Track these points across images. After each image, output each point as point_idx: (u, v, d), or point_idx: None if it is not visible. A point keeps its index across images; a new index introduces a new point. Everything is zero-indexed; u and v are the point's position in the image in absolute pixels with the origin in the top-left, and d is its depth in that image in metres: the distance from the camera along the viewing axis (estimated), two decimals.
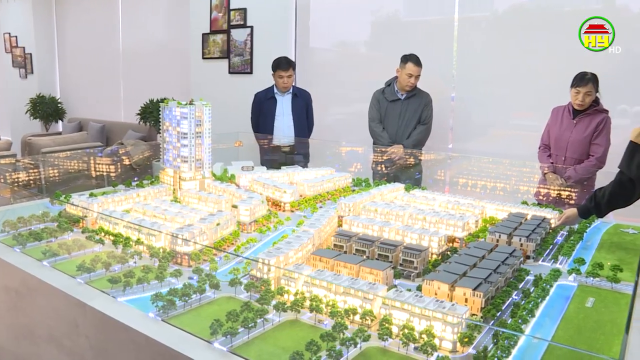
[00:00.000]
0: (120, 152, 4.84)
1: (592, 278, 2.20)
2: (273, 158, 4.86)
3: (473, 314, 1.89)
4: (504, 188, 3.90)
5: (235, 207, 2.99)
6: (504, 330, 1.66)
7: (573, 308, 1.99)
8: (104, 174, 4.35)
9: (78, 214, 2.91)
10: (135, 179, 3.82)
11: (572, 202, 3.75)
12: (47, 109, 10.36)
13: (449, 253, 2.55)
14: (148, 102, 7.33)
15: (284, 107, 5.11)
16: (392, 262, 2.36)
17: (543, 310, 1.95)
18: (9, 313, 2.51)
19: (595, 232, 2.97)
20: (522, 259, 2.42)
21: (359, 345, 1.64)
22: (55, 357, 2.23)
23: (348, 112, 6.33)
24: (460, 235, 2.73)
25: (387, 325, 1.71)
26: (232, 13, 6.86)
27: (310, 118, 5.29)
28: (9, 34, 11.26)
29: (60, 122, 10.71)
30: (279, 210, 3.30)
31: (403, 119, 4.64)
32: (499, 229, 2.66)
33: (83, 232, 2.73)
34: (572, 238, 2.79)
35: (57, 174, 4.36)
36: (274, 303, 1.87)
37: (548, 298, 2.05)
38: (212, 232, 2.61)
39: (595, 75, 3.89)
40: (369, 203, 3.12)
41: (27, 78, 11.01)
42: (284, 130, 5.11)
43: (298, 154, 5.06)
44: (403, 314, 1.76)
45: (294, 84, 5.33)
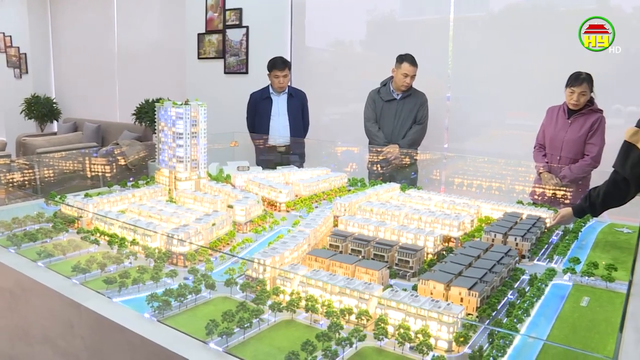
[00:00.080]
0: (116, 152, 4.83)
1: (587, 277, 2.21)
2: (269, 158, 4.86)
3: (468, 314, 1.89)
4: (500, 188, 3.92)
5: (231, 207, 2.99)
6: (500, 330, 1.66)
7: (568, 307, 2.00)
8: (100, 174, 4.33)
9: (73, 215, 2.90)
10: (131, 179, 3.81)
11: (567, 201, 3.76)
12: (42, 109, 10.32)
13: (445, 253, 2.55)
14: (143, 102, 7.31)
15: (280, 107, 5.11)
16: (387, 262, 2.36)
17: (538, 310, 1.96)
18: (4, 314, 2.50)
19: (590, 231, 2.98)
20: (517, 259, 2.43)
21: (355, 345, 1.65)
22: (50, 358, 2.22)
23: (344, 112, 6.33)
24: (456, 235, 2.74)
25: (382, 325, 1.71)
26: (227, 13, 6.86)
27: (306, 118, 5.29)
28: (3, 34, 11.22)
29: (56, 122, 10.67)
30: (275, 210, 3.30)
31: (399, 119, 4.64)
32: (495, 229, 2.67)
33: (78, 232, 2.72)
34: (567, 237, 2.80)
35: (52, 175, 4.34)
36: (270, 303, 1.87)
37: (543, 297, 2.05)
38: (207, 232, 2.61)
39: (590, 75, 3.90)
40: (365, 203, 3.12)
41: (21, 78, 10.97)
42: (280, 130, 5.11)
43: (294, 154, 5.06)
44: (399, 314, 1.76)
45: (290, 84, 5.33)
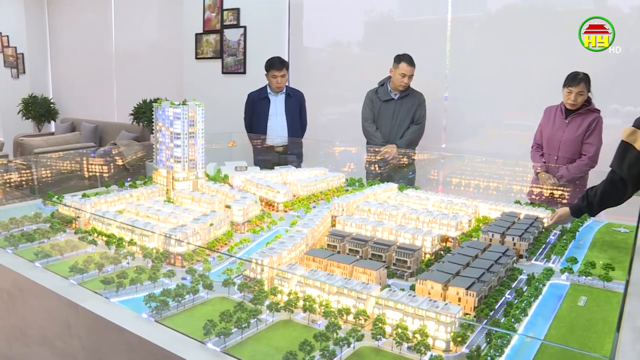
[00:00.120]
0: (113, 152, 4.82)
1: (584, 277, 2.22)
2: (266, 158, 4.85)
3: (466, 314, 1.89)
4: (497, 187, 3.92)
5: (229, 207, 2.98)
6: (497, 330, 1.66)
7: (565, 307, 2.00)
8: (97, 175, 4.33)
9: (71, 215, 2.90)
10: (129, 180, 3.81)
11: (564, 201, 3.77)
12: (39, 109, 10.30)
13: (442, 252, 2.55)
14: (141, 102, 7.30)
15: (277, 107, 5.11)
16: (385, 261, 2.37)
17: (536, 309, 1.96)
18: (1, 315, 2.49)
19: (588, 231, 2.99)
20: (515, 258, 2.43)
21: (353, 345, 1.65)
22: (48, 358, 2.22)
23: (341, 112, 6.33)
24: (454, 235, 2.74)
25: (380, 325, 1.71)
26: (225, 13, 6.85)
27: (304, 118, 5.29)
28: (0, 34, 11.18)
29: (53, 122, 10.65)
30: (273, 211, 3.30)
31: (396, 119, 4.65)
32: (492, 229, 2.67)
33: (76, 233, 2.72)
34: (564, 237, 2.81)
35: (49, 175, 4.33)
36: (268, 303, 1.87)
37: (541, 297, 2.06)
38: (205, 232, 2.60)
39: (587, 75, 3.91)
40: (363, 203, 3.12)
41: (18, 78, 10.94)
42: (277, 131, 5.11)
43: (291, 154, 5.06)
44: (396, 314, 1.76)
45: (287, 84, 5.33)
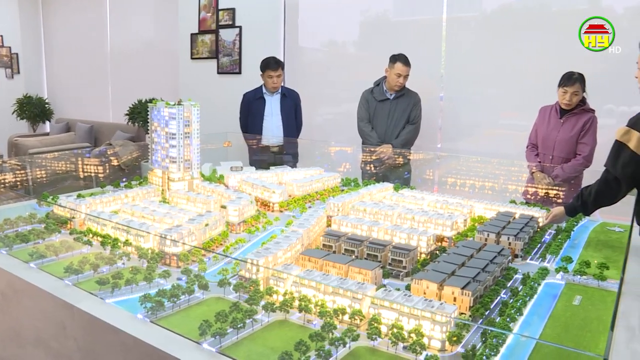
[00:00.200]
0: (109, 152, 4.81)
1: (579, 276, 2.22)
2: (262, 158, 4.85)
3: (462, 313, 1.90)
4: (492, 187, 3.93)
5: (224, 207, 2.98)
6: (493, 329, 1.67)
7: (560, 306, 2.01)
8: (92, 175, 4.32)
9: (66, 215, 2.89)
10: (124, 180, 3.80)
11: (559, 200, 3.78)
12: (34, 110, 10.26)
13: (438, 252, 2.56)
14: (136, 102, 7.30)
15: (273, 107, 5.11)
16: (380, 261, 2.37)
17: (531, 309, 1.97)
18: None
19: (583, 230, 3.00)
20: (510, 258, 2.44)
21: (348, 345, 1.65)
22: (43, 359, 2.21)
23: (337, 112, 6.34)
24: (449, 235, 2.74)
25: (376, 325, 1.71)
26: (220, 13, 6.84)
27: (299, 118, 5.29)
28: None
29: (48, 122, 10.60)
30: (268, 211, 3.30)
31: (392, 119, 4.65)
32: (488, 228, 2.68)
33: (71, 233, 2.71)
34: (559, 237, 2.81)
35: (44, 175, 4.32)
36: (263, 303, 1.87)
37: (536, 296, 2.07)
38: (200, 232, 2.60)
39: (582, 75, 3.93)
40: (358, 203, 3.12)
41: (13, 78, 10.89)
42: (273, 131, 5.11)
43: (287, 154, 5.06)
44: (392, 314, 1.76)
45: (283, 84, 5.33)
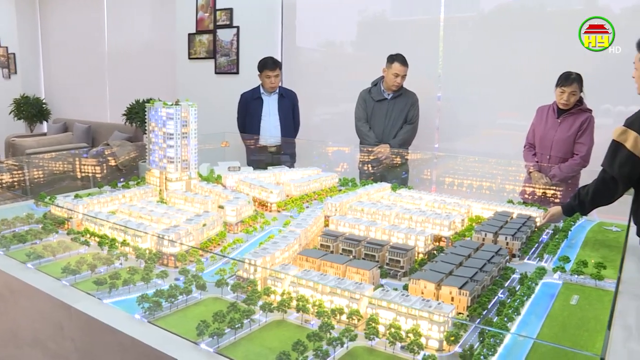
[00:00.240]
0: (106, 153, 4.80)
1: (576, 276, 2.23)
2: (259, 158, 4.85)
3: (459, 313, 1.90)
4: (490, 187, 3.93)
5: (222, 207, 2.98)
6: (490, 329, 1.67)
7: (558, 306, 2.01)
8: (90, 175, 4.31)
9: (63, 216, 2.88)
10: (121, 180, 3.79)
11: (557, 200, 3.78)
12: (31, 110, 10.23)
13: (435, 252, 2.56)
14: (134, 102, 7.27)
15: (271, 107, 5.10)
16: (378, 261, 2.37)
17: (528, 308, 1.97)
18: None
19: (580, 230, 3.00)
20: (507, 258, 2.44)
21: (346, 345, 1.65)
22: None
23: (334, 112, 6.34)
24: (447, 234, 2.75)
25: (373, 325, 1.71)
26: (218, 13, 6.84)
27: (297, 118, 5.29)
28: None
29: (45, 122, 10.58)
30: (266, 211, 3.30)
31: (389, 119, 4.65)
32: (485, 228, 2.68)
33: (68, 233, 2.70)
34: (557, 236, 2.82)
35: (41, 176, 4.31)
36: (261, 303, 1.86)
37: (533, 296, 2.07)
38: (198, 232, 2.60)
39: (580, 75, 3.93)
40: (356, 203, 3.12)
41: (10, 78, 10.86)
42: (271, 131, 5.10)
43: (284, 154, 5.06)
44: (389, 314, 1.76)
45: (280, 84, 5.33)
